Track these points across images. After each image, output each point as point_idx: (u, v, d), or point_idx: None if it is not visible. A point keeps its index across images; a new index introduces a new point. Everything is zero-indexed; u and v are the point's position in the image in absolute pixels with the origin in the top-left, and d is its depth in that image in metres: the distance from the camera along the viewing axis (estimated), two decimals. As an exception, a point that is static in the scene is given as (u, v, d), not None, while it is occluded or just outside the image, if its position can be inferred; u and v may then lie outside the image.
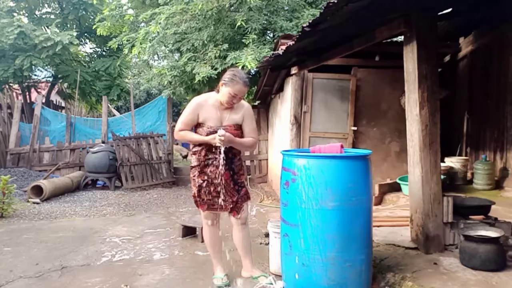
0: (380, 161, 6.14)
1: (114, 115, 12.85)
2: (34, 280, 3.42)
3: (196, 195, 3.17)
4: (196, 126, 3.16)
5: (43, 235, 4.86)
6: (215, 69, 7.38)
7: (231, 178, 3.14)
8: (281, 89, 7.33)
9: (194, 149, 3.18)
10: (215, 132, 3.01)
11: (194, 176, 3.16)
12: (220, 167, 3.03)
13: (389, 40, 5.49)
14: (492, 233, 2.98)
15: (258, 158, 9.19)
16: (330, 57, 5.00)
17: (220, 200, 3.09)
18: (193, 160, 3.18)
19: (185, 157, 12.76)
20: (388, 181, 5.67)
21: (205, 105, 3.12)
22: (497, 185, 5.46)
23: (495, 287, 2.61)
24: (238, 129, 3.17)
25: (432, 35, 3.31)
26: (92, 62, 13.45)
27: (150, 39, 8.15)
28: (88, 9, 12.11)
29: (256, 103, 9.79)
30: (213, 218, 3.24)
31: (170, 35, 7.89)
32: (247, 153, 8.57)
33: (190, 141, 3.18)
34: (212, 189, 3.12)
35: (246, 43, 7.16)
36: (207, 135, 3.05)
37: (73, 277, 3.46)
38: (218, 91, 3.16)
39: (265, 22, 7.59)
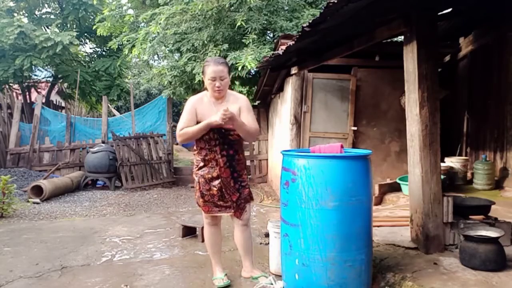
0: (380, 161, 6.14)
1: (114, 115, 12.84)
2: (34, 280, 3.42)
3: (198, 196, 3.17)
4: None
5: (43, 235, 4.86)
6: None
7: (231, 176, 3.11)
8: (281, 89, 7.33)
9: (195, 151, 3.20)
10: (216, 128, 3.01)
11: (196, 177, 3.18)
12: (218, 156, 3.05)
13: (389, 40, 5.49)
14: (492, 233, 2.98)
15: (258, 158, 9.19)
16: (330, 57, 5.00)
17: (219, 199, 3.10)
18: (195, 162, 3.22)
19: None
20: (388, 181, 5.66)
21: (201, 103, 3.12)
22: (497, 185, 5.46)
23: (495, 287, 2.61)
24: None
25: (432, 35, 3.31)
26: (92, 62, 13.44)
27: (150, 40, 8.15)
28: (88, 9, 12.09)
29: (256, 103, 9.78)
30: (214, 219, 3.24)
31: (170, 35, 7.88)
32: (247, 153, 8.56)
33: (192, 136, 3.03)
34: (211, 187, 3.11)
35: (246, 43, 7.16)
36: (209, 132, 3.04)
37: (73, 277, 3.46)
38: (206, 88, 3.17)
39: (265, 22, 7.58)
